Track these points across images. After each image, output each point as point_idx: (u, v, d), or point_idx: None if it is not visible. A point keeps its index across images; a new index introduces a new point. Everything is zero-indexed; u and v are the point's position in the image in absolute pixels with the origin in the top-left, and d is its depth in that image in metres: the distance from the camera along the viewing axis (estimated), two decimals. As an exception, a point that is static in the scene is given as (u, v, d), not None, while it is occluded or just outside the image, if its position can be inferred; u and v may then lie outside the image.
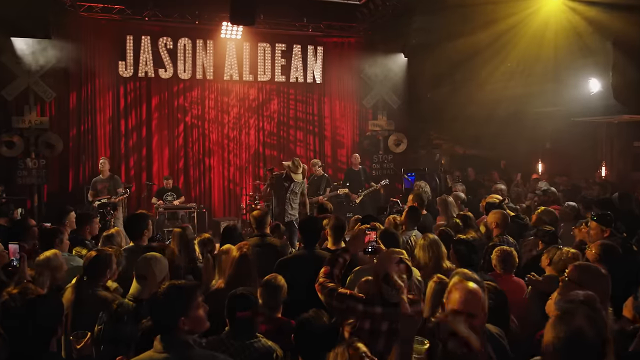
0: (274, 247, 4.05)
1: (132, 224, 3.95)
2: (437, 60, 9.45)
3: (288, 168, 6.46)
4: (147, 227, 3.91)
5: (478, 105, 9.51)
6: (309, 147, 11.07)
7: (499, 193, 6.21)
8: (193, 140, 10.35)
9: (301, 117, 11.01)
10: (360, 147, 11.23)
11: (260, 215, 4.14)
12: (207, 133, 10.41)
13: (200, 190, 10.41)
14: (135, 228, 3.91)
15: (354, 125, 11.29)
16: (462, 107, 9.77)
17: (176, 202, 9.10)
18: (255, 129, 10.70)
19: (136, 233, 3.90)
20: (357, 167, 9.43)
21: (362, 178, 9.35)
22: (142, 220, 3.93)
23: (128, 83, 9.93)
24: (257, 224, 4.13)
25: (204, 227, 9.79)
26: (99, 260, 3.04)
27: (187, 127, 10.31)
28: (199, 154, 10.37)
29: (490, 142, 10.63)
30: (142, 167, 10.08)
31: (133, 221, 3.97)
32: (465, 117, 9.81)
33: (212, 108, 10.45)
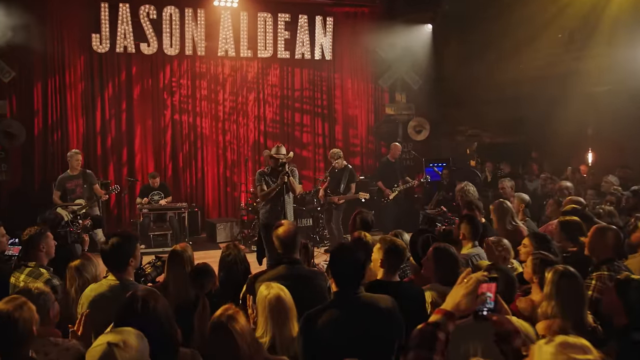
0: (309, 281, 3.16)
1: (111, 249, 3.01)
2: (470, 33, 8.64)
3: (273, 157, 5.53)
4: (133, 254, 2.99)
5: (516, 86, 8.81)
6: (317, 134, 10.35)
7: (564, 193, 5.39)
8: (182, 128, 9.53)
9: (308, 100, 10.25)
10: (375, 134, 10.56)
11: (288, 235, 3.16)
12: (199, 120, 9.60)
13: (192, 187, 9.63)
14: (116, 255, 2.97)
15: (368, 109, 10.62)
16: (497, 88, 9.05)
17: (163, 202, 8.20)
18: (254, 115, 9.93)
19: (117, 262, 2.98)
20: (393, 159, 8.65)
21: (399, 172, 8.59)
22: (127, 244, 2.98)
23: (104, 60, 8.98)
24: (284, 247, 3.19)
25: (197, 230, 9.04)
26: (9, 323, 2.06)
27: (174, 112, 9.46)
28: (189, 144, 9.57)
29: (524, 128, 9.86)
30: (122, 161, 9.17)
31: (113, 245, 3.03)
32: (498, 99, 9.14)
33: (204, 90, 9.60)
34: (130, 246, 2.96)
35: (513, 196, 6.09)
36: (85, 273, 3.18)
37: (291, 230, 3.19)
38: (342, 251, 2.60)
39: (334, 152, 7.66)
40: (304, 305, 2.95)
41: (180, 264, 3.35)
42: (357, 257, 2.54)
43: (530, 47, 8.41)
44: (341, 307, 2.47)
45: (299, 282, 3.06)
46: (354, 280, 2.52)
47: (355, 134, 10.54)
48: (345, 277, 2.52)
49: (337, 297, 2.53)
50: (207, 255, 7.92)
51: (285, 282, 2.95)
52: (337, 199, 7.44)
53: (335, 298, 2.54)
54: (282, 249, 3.20)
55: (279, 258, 3.22)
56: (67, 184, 7.03)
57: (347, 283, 2.51)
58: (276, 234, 3.23)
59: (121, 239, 2.95)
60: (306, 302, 2.93)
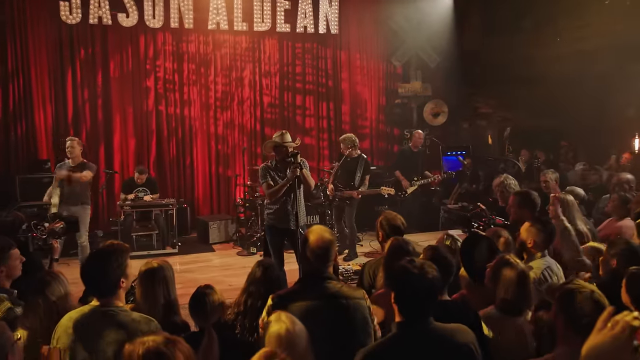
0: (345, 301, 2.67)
1: (94, 269, 2.49)
2: (496, 1, 8.16)
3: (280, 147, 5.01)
4: (124, 273, 2.48)
5: (550, 63, 8.30)
6: (321, 116, 9.90)
7: (625, 187, 4.94)
8: (168, 114, 8.99)
9: (311, 79, 9.78)
10: (387, 118, 10.16)
11: (322, 245, 2.66)
12: (187, 105, 9.07)
13: (179, 181, 9.13)
14: (101, 276, 2.45)
15: (379, 90, 10.20)
16: (527, 66, 8.63)
17: (147, 198, 7.70)
18: (250, 98, 9.43)
19: (103, 286, 2.46)
20: (416, 149, 8.21)
21: (420, 164, 8.15)
22: (114, 261, 2.46)
23: (75, 33, 8.37)
24: (316, 259, 2.71)
25: (186, 229, 8.58)
26: None
27: (159, 97, 8.91)
28: (175, 132, 9.05)
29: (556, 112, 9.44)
30: (99, 152, 8.61)
31: (96, 264, 2.50)
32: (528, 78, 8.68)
33: (192, 70, 9.05)
34: (120, 263, 2.45)
35: (558, 191, 5.67)
36: (50, 295, 2.68)
37: (325, 238, 2.71)
38: (411, 270, 2.17)
39: (348, 138, 7.13)
40: (340, 332, 2.59)
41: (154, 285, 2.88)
42: (431, 279, 2.15)
43: (572, 15, 7.93)
44: (408, 343, 2.14)
45: (333, 303, 2.64)
46: (426, 308, 2.17)
47: (364, 115, 10.14)
48: (414, 305, 2.16)
49: (402, 330, 2.17)
50: (198, 258, 7.52)
51: (315, 303, 2.59)
52: (357, 194, 6.96)
53: (399, 331, 2.18)
54: (314, 261, 2.72)
55: (308, 272, 2.75)
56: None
57: (417, 312, 2.16)
58: (306, 243, 2.75)
59: (106, 254, 2.44)
60: (341, 328, 2.60)
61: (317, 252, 2.70)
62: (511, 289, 2.67)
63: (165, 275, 2.94)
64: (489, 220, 5.13)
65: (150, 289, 2.85)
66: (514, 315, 2.68)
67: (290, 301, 2.63)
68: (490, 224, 5.10)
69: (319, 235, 2.71)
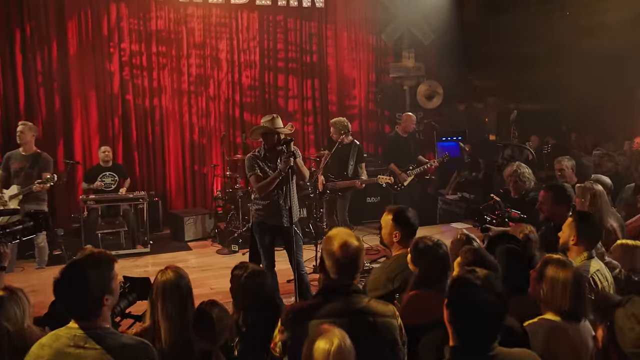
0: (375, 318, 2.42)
1: (71, 287, 2.13)
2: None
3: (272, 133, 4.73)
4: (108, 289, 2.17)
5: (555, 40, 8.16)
6: (306, 97, 9.63)
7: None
8: (135, 96, 8.60)
9: (294, 57, 9.49)
10: (377, 100, 9.96)
11: (350, 254, 2.39)
12: (156, 87, 8.69)
13: (149, 171, 8.77)
14: (80, 295, 2.12)
15: (369, 70, 10.00)
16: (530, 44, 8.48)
17: (123, 191, 7.40)
18: (228, 79, 9.09)
19: (84, 307, 2.10)
20: (406, 134, 7.93)
21: (413, 150, 7.92)
22: (96, 275, 2.11)
23: (25, 6, 7.89)
24: (340, 270, 2.42)
25: (158, 225, 8.26)
26: None
27: (123, 77, 8.50)
28: (144, 117, 8.67)
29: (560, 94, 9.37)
30: (56, 139, 8.17)
31: (73, 281, 2.15)
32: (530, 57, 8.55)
33: (162, 47, 8.65)
34: (104, 278, 2.13)
35: (574, 180, 5.52)
36: (2, 319, 2.32)
37: (352, 246, 2.41)
38: (473, 282, 1.93)
39: (339, 122, 6.81)
40: (365, 356, 2.29)
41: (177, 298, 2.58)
42: (499, 294, 1.91)
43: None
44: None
45: (358, 321, 2.37)
46: (490, 330, 1.92)
47: (352, 94, 9.94)
48: (476, 327, 1.91)
49: (457, 356, 1.94)
50: (173, 258, 7.18)
51: (337, 321, 2.29)
52: (359, 183, 6.70)
53: (454, 358, 1.94)
54: (338, 272, 2.43)
55: (330, 286, 2.46)
56: (12, 164, 6.30)
57: (478, 335, 1.92)
58: (329, 250, 2.44)
59: (87, 267, 2.11)
60: (367, 351, 2.32)
61: (343, 261, 2.41)
62: (568, 291, 2.44)
63: (189, 285, 2.66)
64: (503, 213, 4.94)
65: (179, 304, 2.55)
66: (573, 322, 2.46)
67: (307, 318, 2.37)
68: (505, 218, 4.93)
69: (344, 241, 2.41)
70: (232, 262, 6.92)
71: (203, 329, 2.44)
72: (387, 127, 10.00)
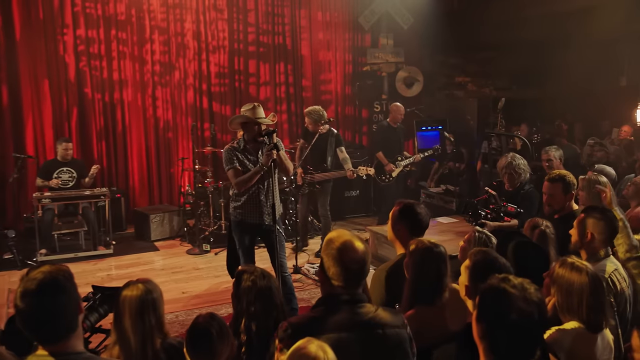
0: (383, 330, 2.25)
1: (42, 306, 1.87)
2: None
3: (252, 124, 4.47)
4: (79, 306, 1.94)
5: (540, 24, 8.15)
6: (279, 85, 9.43)
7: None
8: (93, 85, 8.25)
9: (265, 41, 9.25)
10: (355, 89, 9.83)
11: (359, 259, 2.22)
12: (117, 75, 8.35)
13: (110, 167, 8.46)
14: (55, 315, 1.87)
15: (345, 56, 9.86)
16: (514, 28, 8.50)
17: (87, 185, 7.17)
18: (195, 67, 8.82)
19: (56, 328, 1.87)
20: (396, 124, 7.81)
21: (402, 141, 7.84)
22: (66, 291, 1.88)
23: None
24: (349, 277, 2.24)
25: (120, 224, 7.97)
26: None
27: (80, 68, 8.14)
28: (104, 108, 8.34)
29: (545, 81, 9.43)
30: (5, 132, 7.80)
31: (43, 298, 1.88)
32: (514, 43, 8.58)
33: (121, 33, 8.30)
34: (74, 294, 1.91)
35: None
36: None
37: (360, 250, 2.23)
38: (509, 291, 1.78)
39: (314, 111, 6.58)
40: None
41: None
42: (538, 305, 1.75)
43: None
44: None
45: (366, 335, 2.22)
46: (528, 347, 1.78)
47: (328, 79, 9.80)
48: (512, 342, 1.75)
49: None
50: (139, 259, 6.97)
51: (343, 335, 2.17)
52: (351, 172, 6.54)
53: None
54: (344, 280, 2.24)
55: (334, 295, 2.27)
56: None
57: (515, 352, 1.77)
58: (333, 255, 2.24)
59: (54, 286, 1.86)
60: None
61: (353, 267, 2.22)
62: (585, 298, 2.32)
63: (155, 298, 2.46)
64: (499, 207, 4.85)
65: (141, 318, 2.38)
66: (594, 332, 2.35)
67: (309, 334, 2.17)
68: (500, 212, 4.85)
69: (350, 245, 2.23)
70: (203, 263, 6.85)
71: (200, 349, 2.23)
72: (365, 112, 9.90)
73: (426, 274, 2.74)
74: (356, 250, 2.22)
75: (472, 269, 2.39)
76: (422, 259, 2.76)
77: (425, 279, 2.74)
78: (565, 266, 2.40)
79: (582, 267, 2.37)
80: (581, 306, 2.33)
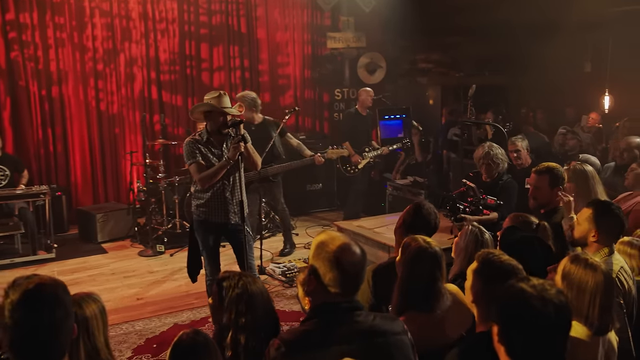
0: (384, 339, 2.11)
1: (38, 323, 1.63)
2: None
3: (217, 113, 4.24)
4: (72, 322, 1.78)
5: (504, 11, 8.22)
6: (234, 71, 9.17)
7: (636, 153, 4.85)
8: (28, 77, 7.80)
9: (218, 25, 8.95)
10: (314, 75, 9.70)
11: (356, 263, 2.11)
12: (55, 64, 7.90)
13: (48, 163, 8.03)
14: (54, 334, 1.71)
15: (304, 41, 9.67)
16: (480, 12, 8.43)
17: (21, 187, 6.71)
18: (142, 53, 8.44)
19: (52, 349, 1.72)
20: (365, 112, 7.68)
21: (370, 129, 7.76)
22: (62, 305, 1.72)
23: None
24: (346, 283, 2.12)
25: (62, 224, 7.60)
26: None
27: (11, 55, 7.65)
28: (40, 101, 7.89)
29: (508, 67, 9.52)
30: None
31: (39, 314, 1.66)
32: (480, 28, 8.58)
33: (59, 17, 7.86)
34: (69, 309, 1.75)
35: (529, 161, 5.51)
36: None
37: (357, 253, 2.11)
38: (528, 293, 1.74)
39: (247, 95, 6.16)
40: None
41: None
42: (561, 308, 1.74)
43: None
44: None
45: (367, 345, 2.10)
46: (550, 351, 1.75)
47: (286, 61, 9.60)
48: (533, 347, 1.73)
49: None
50: (85, 263, 6.65)
51: (343, 348, 2.04)
52: (319, 157, 6.34)
53: None
54: (341, 286, 2.10)
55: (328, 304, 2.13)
56: None
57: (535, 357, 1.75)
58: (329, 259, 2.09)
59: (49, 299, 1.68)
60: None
61: (351, 272, 2.10)
62: (599, 298, 2.26)
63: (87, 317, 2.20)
64: (478, 200, 4.81)
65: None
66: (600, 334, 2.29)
67: (305, 350, 2.03)
68: (479, 205, 4.81)
69: (346, 248, 2.10)
70: (158, 265, 6.57)
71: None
72: (326, 96, 9.79)
73: (418, 276, 2.64)
74: (353, 252, 2.11)
75: (480, 272, 2.29)
76: (414, 258, 2.66)
77: (417, 280, 2.64)
78: (579, 263, 2.32)
79: (596, 265, 2.31)
80: (592, 306, 2.26)
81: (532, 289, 1.74)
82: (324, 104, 9.85)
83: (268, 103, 9.27)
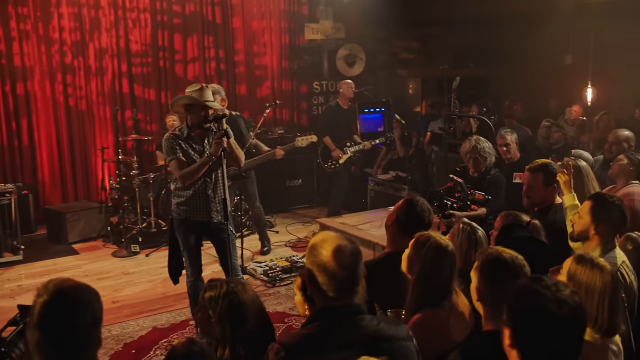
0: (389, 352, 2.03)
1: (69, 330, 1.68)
2: None
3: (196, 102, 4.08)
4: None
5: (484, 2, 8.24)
6: (209, 62, 9.02)
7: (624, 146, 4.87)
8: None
9: (192, 14, 8.80)
10: (292, 68, 9.63)
11: (348, 263, 2.05)
12: (19, 59, 7.68)
13: (13, 160, 7.81)
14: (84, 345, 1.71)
15: (281, 32, 9.59)
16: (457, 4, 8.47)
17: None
18: (112, 45, 8.24)
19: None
20: (347, 105, 7.63)
21: (352, 123, 7.72)
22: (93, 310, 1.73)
23: None
24: (341, 285, 2.07)
25: (29, 225, 7.38)
26: None
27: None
28: (4, 97, 7.69)
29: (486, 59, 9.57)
30: None
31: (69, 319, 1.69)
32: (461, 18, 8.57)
33: (22, 7, 7.63)
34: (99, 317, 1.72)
35: (518, 155, 5.51)
36: None
37: (348, 251, 2.07)
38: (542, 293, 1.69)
39: (222, 90, 6.00)
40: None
41: None
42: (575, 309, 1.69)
43: None
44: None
45: (375, 352, 1.95)
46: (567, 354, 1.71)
47: (263, 51, 9.49)
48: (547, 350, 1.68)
49: None
50: (55, 265, 6.48)
51: (345, 354, 1.97)
52: (279, 149, 6.23)
53: None
54: (336, 289, 2.05)
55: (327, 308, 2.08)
56: None
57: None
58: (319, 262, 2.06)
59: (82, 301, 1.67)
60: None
61: (341, 275, 2.04)
62: (608, 299, 2.24)
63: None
64: (466, 195, 4.79)
65: None
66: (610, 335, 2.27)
67: (307, 354, 1.98)
68: (467, 200, 4.79)
69: (337, 247, 2.06)
70: (134, 266, 6.42)
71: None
72: (305, 87, 9.73)
73: (439, 273, 2.57)
74: (344, 253, 2.06)
75: (483, 271, 2.24)
76: (436, 256, 2.59)
77: (438, 277, 2.57)
78: (585, 263, 2.30)
79: (603, 266, 2.29)
80: (601, 308, 2.24)
81: (545, 290, 1.69)
82: (303, 96, 9.77)
83: (245, 95, 9.17)
